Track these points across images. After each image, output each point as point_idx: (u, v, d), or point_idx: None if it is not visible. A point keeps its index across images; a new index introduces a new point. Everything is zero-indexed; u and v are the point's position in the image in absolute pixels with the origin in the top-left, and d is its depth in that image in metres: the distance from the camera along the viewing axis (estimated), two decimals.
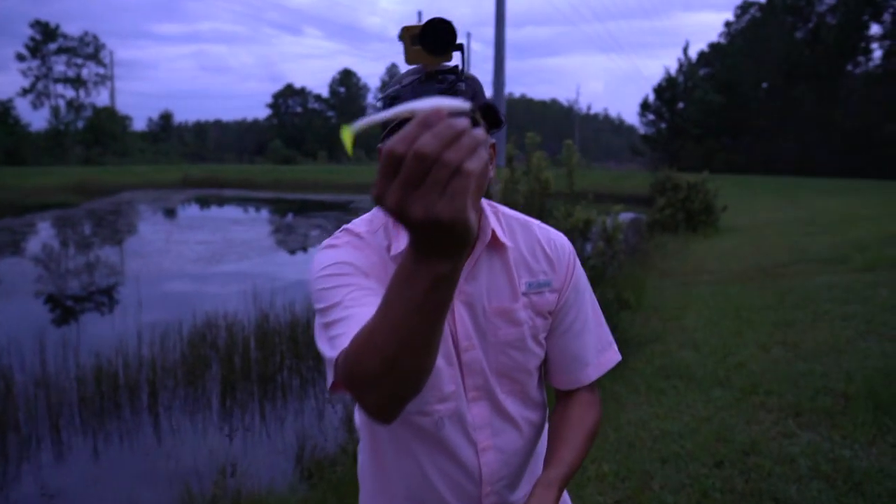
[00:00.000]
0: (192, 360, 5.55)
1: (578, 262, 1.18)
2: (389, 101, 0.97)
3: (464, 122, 0.60)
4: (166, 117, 73.95)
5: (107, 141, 54.10)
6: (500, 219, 1.13)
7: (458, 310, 1.07)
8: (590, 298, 1.19)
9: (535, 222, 1.18)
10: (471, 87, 1.00)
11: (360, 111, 73.71)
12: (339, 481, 3.30)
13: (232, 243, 15.21)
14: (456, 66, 0.98)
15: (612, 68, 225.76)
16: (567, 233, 5.05)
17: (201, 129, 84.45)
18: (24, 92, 57.04)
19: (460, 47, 0.95)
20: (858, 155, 35.68)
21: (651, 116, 49.56)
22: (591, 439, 1.14)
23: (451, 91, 0.96)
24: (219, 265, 12.27)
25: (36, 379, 5.00)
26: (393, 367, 0.75)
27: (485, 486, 1.13)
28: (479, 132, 0.61)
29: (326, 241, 1.09)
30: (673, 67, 63.79)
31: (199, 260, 12.77)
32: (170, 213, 24.71)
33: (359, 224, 1.12)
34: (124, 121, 59.88)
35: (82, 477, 4.03)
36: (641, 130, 53.51)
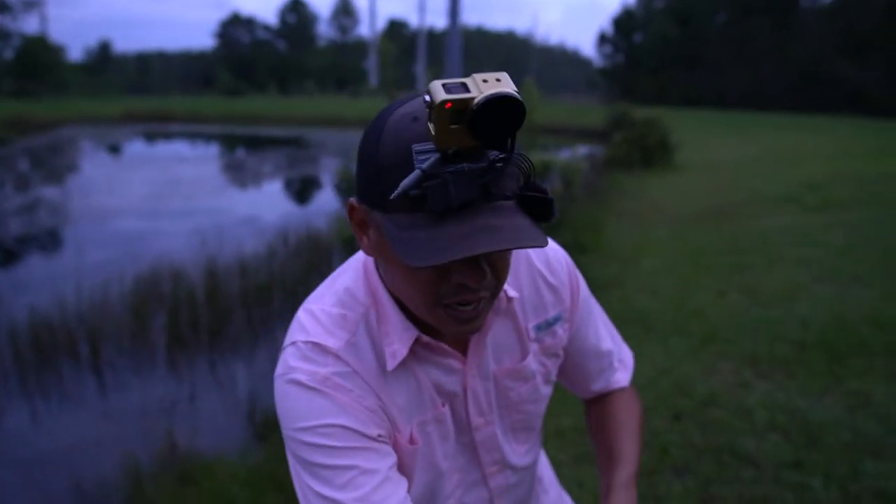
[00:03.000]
0: (136, 311, 5.30)
1: (573, 265, 1.02)
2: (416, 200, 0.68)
3: None
4: (104, 47, 70.13)
5: (40, 73, 50.97)
6: None
7: (471, 387, 0.90)
8: (597, 306, 1.08)
9: None
10: (519, 170, 0.71)
11: (311, 41, 71.09)
12: None
13: (180, 181, 14.64)
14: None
15: None
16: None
17: (143, 61, 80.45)
18: None
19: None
20: (812, 90, 36.12)
21: (608, 49, 49.12)
22: (642, 427, 1.09)
23: (494, 179, 0.68)
24: (167, 204, 11.81)
25: None
26: None
27: None
28: None
29: (295, 374, 0.81)
30: None
31: (145, 199, 12.27)
32: (113, 149, 23.67)
33: (330, 329, 0.83)
34: (58, 51, 56.44)
35: (17, 442, 3.82)
36: (598, 63, 53.07)
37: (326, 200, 11.75)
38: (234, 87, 57.34)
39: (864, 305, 4.49)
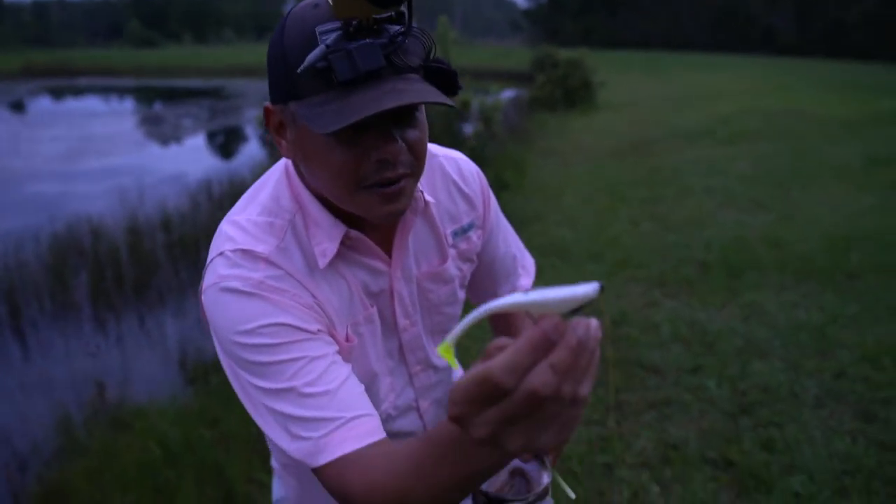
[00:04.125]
0: (56, 269, 5.16)
1: (484, 178, 1.07)
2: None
3: (584, 333, 0.46)
4: None
5: None
6: None
7: (396, 289, 0.94)
8: (502, 216, 1.12)
9: (441, 153, 1.01)
10: (421, 44, 0.76)
11: None
12: (222, 381, 3.25)
13: (92, 138, 13.96)
14: (401, 13, 0.74)
15: None
16: (444, 114, 4.96)
17: (41, 9, 74.80)
18: None
19: None
20: (728, 31, 37.11)
21: None
22: None
23: (396, 49, 0.72)
24: (79, 164, 11.28)
25: None
26: None
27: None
28: (596, 332, 0.47)
29: (228, 281, 0.80)
30: None
31: (55, 159, 11.67)
32: (15, 106, 22.19)
33: (258, 236, 0.84)
34: None
35: None
36: (523, 5, 52.71)
37: (251, 151, 11.49)
38: (146, 37, 54.35)
39: (761, 227, 4.83)
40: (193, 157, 12.40)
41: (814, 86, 14.85)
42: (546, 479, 0.89)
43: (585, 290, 0.47)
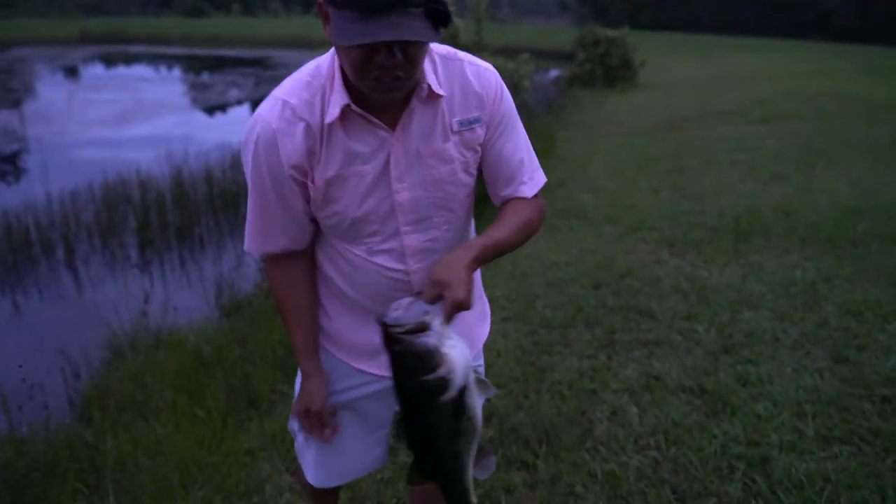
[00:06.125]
0: (106, 215, 5.57)
1: (507, 94, 1.26)
2: None
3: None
4: None
5: None
6: (435, 65, 1.21)
7: (394, 156, 1.20)
8: (520, 127, 1.30)
9: (467, 59, 1.24)
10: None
11: None
12: (255, 314, 3.57)
13: (142, 103, 14.50)
14: None
15: None
16: None
17: None
18: None
19: None
20: (782, 14, 36.07)
21: None
22: (525, 227, 1.27)
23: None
24: (129, 126, 11.79)
25: None
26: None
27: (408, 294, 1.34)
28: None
29: (258, 113, 1.19)
30: None
31: (107, 121, 12.20)
32: (70, 71, 23.00)
33: (296, 88, 1.18)
34: None
35: (4, 329, 4.15)
36: None
37: None
38: (196, 7, 55.17)
39: (777, 198, 4.94)
40: (236, 121, 12.80)
41: (864, 71, 14.52)
42: (427, 317, 1.04)
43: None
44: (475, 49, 5.40)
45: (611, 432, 2.30)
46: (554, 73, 16.52)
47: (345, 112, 1.16)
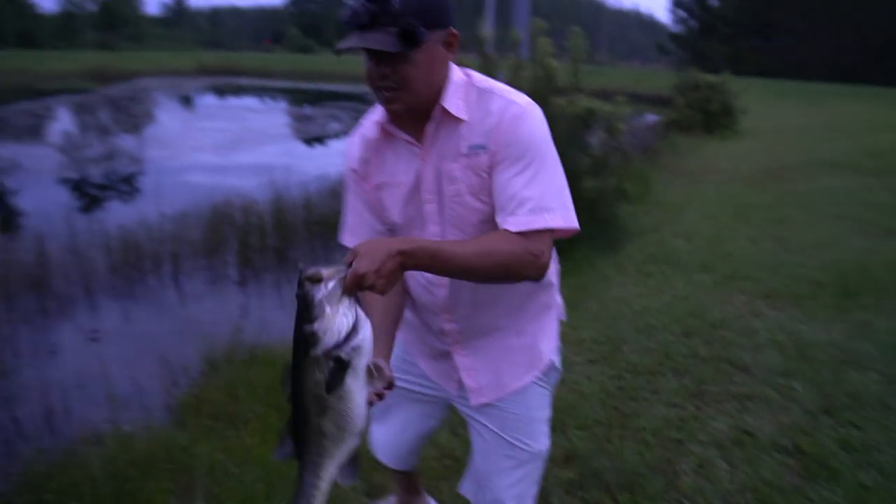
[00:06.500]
0: (211, 235, 5.89)
1: (528, 129, 1.27)
2: None
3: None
4: (180, 1, 71.74)
5: (120, 25, 53.00)
6: (469, 92, 1.31)
7: (424, 168, 1.34)
8: (542, 166, 1.27)
9: (499, 92, 1.31)
10: (403, 9, 1.20)
11: None
12: None
13: (248, 132, 15.34)
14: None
15: None
16: (569, 120, 5.18)
17: (217, 15, 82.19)
18: None
19: None
20: (893, 61, 34.29)
21: (682, 13, 47.53)
22: (491, 256, 1.23)
23: (383, 10, 1.19)
24: (235, 153, 12.48)
25: (68, 248, 5.38)
26: None
27: (440, 313, 1.46)
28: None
29: (358, 127, 1.45)
30: None
31: (216, 147, 12.96)
32: (186, 100, 24.66)
33: (372, 114, 1.41)
34: (136, 3, 58.37)
35: (113, 333, 4.44)
36: (671, 28, 51.41)
37: None
38: (303, 44, 58.22)
39: (889, 254, 4.66)
40: (336, 154, 13.30)
41: None
42: (331, 274, 1.05)
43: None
44: (571, 91, 5.42)
45: (697, 486, 2.22)
46: (650, 117, 16.29)
47: (383, 127, 1.36)
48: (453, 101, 1.29)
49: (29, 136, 14.32)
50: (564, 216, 1.27)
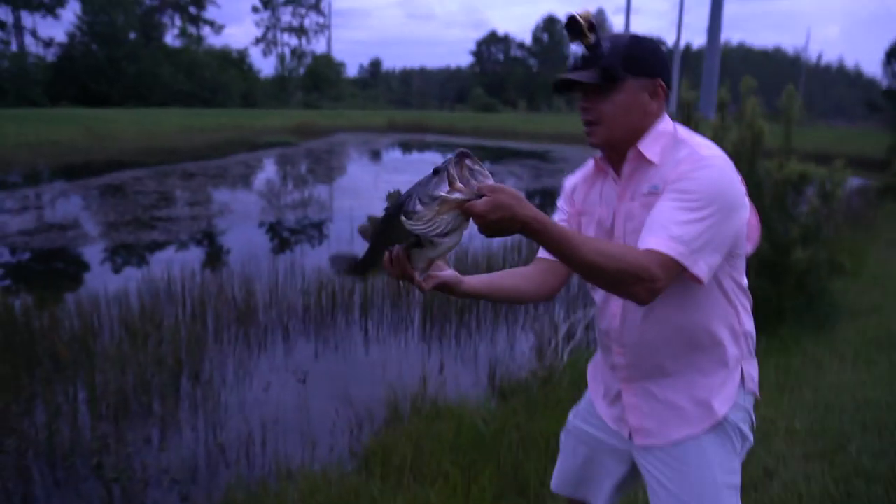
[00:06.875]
0: (396, 286, 6.12)
1: (703, 174, 1.28)
2: None
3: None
4: (375, 64, 78.15)
5: (323, 86, 58.65)
6: (668, 140, 1.38)
7: (621, 207, 1.43)
8: (708, 212, 1.25)
9: (694, 144, 1.36)
10: (609, 53, 1.35)
11: (563, 59, 72.19)
12: (530, 401, 3.57)
13: None
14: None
15: (854, 9, 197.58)
16: (778, 185, 4.79)
17: (407, 76, 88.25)
18: (257, 41, 63.61)
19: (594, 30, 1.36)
20: None
21: None
22: (612, 260, 1.20)
23: (592, 54, 1.36)
24: None
25: (270, 287, 5.86)
26: None
27: (613, 344, 1.50)
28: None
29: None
30: None
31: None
32: (376, 154, 26.45)
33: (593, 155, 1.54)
34: (339, 67, 64.32)
35: (303, 370, 4.69)
36: (884, 83, 46.71)
37: None
38: (487, 103, 60.46)
39: None
40: None
41: None
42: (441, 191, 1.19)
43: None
44: (781, 154, 5.03)
45: None
46: (856, 181, 14.74)
47: (598, 162, 1.50)
48: (650, 146, 1.38)
49: (242, 184, 16.05)
50: (702, 268, 1.26)
